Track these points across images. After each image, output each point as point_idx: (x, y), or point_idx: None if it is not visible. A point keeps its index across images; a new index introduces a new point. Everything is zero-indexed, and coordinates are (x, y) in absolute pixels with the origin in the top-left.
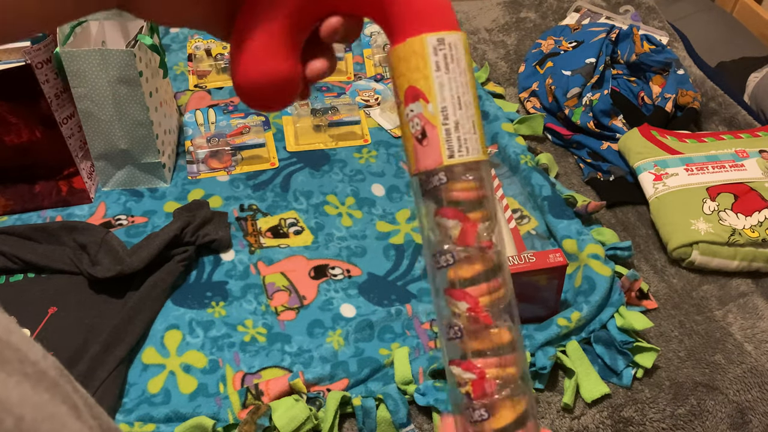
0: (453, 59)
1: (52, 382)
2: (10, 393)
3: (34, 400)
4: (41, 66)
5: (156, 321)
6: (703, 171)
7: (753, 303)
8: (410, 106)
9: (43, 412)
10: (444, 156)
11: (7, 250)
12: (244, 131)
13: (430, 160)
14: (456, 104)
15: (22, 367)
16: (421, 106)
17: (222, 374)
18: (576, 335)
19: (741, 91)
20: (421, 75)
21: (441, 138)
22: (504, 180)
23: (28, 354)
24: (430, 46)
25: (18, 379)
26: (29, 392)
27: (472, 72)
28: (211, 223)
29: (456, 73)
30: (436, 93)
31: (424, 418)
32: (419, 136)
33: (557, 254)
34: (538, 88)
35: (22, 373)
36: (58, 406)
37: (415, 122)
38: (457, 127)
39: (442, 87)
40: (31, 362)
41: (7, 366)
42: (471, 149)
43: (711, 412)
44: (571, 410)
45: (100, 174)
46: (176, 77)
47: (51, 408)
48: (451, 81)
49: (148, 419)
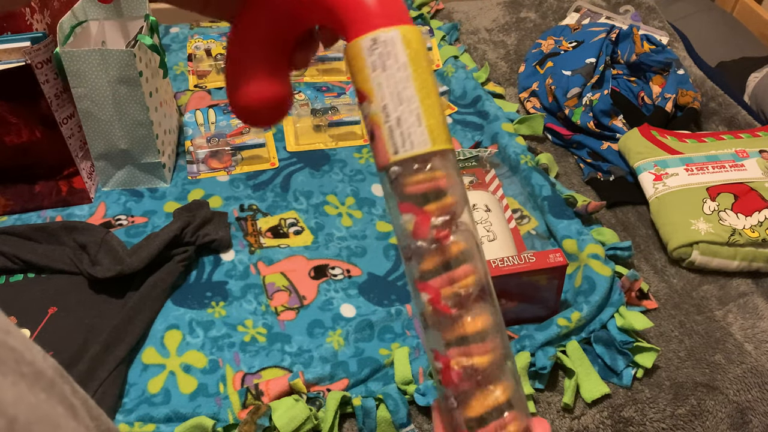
0: (390, 56)
1: (49, 382)
2: (6, 393)
3: (30, 400)
4: (41, 66)
5: (156, 321)
6: (703, 171)
7: (753, 303)
8: (361, 106)
9: (37, 412)
10: (390, 153)
11: (7, 250)
12: (244, 131)
13: (381, 158)
14: (396, 101)
15: (18, 367)
16: (367, 106)
17: (222, 374)
18: (576, 335)
19: (741, 91)
20: (362, 77)
21: (385, 136)
22: (504, 180)
23: (24, 354)
24: (365, 48)
25: (14, 379)
26: (25, 392)
27: (420, 63)
28: (211, 223)
29: (394, 69)
30: (375, 93)
31: (424, 418)
32: (370, 136)
33: (557, 254)
34: (538, 88)
35: (18, 373)
36: (54, 407)
37: (366, 122)
38: (399, 123)
39: (380, 86)
40: (28, 362)
41: (2, 366)
42: (416, 143)
43: (711, 412)
44: (571, 410)
45: (100, 174)
46: (176, 77)
47: (46, 408)
48: (389, 78)
49: (148, 419)
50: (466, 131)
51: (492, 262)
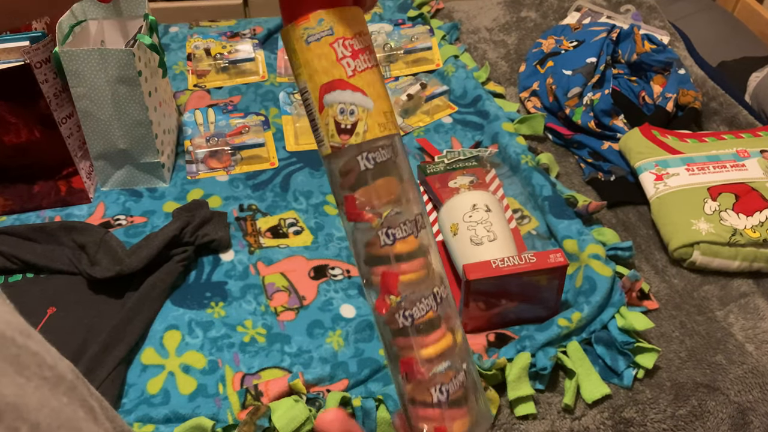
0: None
1: (70, 385)
2: (30, 398)
3: (53, 404)
4: (40, 66)
5: (155, 321)
6: (704, 171)
7: (754, 303)
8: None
9: (60, 417)
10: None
11: (6, 251)
12: (244, 131)
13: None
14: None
15: (40, 371)
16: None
17: (221, 375)
18: (577, 336)
19: (742, 91)
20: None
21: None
22: (504, 180)
23: (45, 358)
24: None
25: (37, 383)
26: (48, 396)
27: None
28: (211, 223)
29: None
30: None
31: None
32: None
33: (558, 254)
34: (538, 88)
35: (41, 377)
36: (76, 411)
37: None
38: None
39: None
40: (49, 366)
41: (26, 371)
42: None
43: (712, 413)
44: (572, 411)
45: (99, 174)
46: (175, 77)
47: (68, 412)
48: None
49: (148, 420)
50: (466, 131)
51: (492, 263)
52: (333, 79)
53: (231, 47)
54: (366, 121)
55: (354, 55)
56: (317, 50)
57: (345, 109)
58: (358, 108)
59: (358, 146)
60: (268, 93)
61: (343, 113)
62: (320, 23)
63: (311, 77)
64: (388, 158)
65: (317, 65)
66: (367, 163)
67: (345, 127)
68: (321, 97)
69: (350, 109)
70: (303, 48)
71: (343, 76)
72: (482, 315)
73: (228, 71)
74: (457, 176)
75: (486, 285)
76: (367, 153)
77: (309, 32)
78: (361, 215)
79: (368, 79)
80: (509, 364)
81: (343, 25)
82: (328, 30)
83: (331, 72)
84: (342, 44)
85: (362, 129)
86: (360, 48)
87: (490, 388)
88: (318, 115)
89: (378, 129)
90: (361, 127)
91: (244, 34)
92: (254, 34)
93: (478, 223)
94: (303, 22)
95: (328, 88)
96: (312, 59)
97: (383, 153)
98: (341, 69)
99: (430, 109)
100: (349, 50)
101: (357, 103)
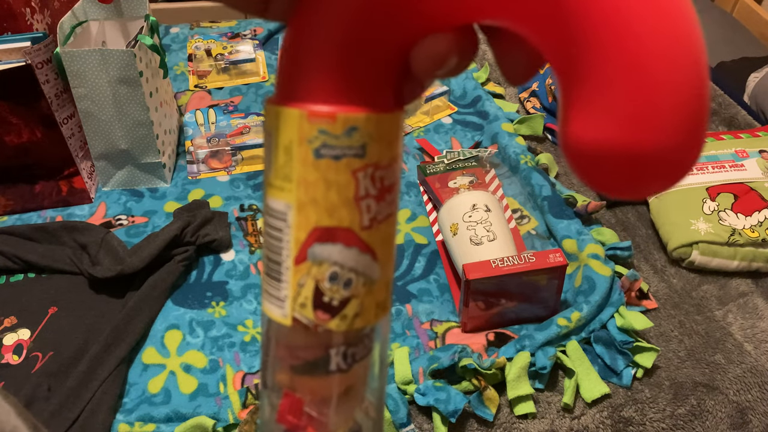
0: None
1: None
2: None
3: None
4: (41, 66)
5: (156, 321)
6: (703, 171)
7: (753, 303)
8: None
9: None
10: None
11: (7, 250)
12: (244, 131)
13: None
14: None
15: None
16: None
17: (222, 374)
18: (576, 335)
19: (741, 91)
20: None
21: (267, 277)
22: (504, 180)
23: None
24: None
25: None
26: None
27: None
28: (212, 223)
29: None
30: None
31: (424, 418)
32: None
33: (557, 254)
34: (538, 88)
35: None
36: None
37: None
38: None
39: None
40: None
41: None
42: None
43: (711, 412)
44: (571, 410)
45: (100, 174)
46: (176, 77)
47: None
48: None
49: (149, 419)
50: (466, 131)
51: (492, 262)
52: (338, 226)
53: (232, 48)
54: (362, 300)
55: (380, 196)
56: (330, 173)
57: (339, 275)
58: (358, 279)
59: (340, 335)
60: (268, 93)
61: (335, 281)
62: (350, 134)
63: (302, 208)
64: (368, 352)
65: (321, 195)
66: (341, 361)
67: (329, 301)
68: (307, 244)
69: (347, 279)
70: (306, 158)
71: (355, 225)
72: (482, 314)
73: (229, 72)
74: (456, 176)
75: (486, 284)
76: (345, 348)
77: (327, 140)
78: (298, 428)
79: (385, 233)
80: (509, 364)
81: (382, 145)
82: (358, 149)
83: (340, 214)
84: (371, 176)
85: (353, 311)
86: (390, 184)
87: (490, 387)
88: (290, 265)
89: (373, 313)
90: (353, 308)
91: (245, 35)
92: (255, 35)
93: (477, 222)
94: (321, 121)
95: (325, 237)
96: (316, 183)
97: (366, 345)
98: (356, 214)
99: (430, 109)
100: (376, 187)
101: (360, 270)
